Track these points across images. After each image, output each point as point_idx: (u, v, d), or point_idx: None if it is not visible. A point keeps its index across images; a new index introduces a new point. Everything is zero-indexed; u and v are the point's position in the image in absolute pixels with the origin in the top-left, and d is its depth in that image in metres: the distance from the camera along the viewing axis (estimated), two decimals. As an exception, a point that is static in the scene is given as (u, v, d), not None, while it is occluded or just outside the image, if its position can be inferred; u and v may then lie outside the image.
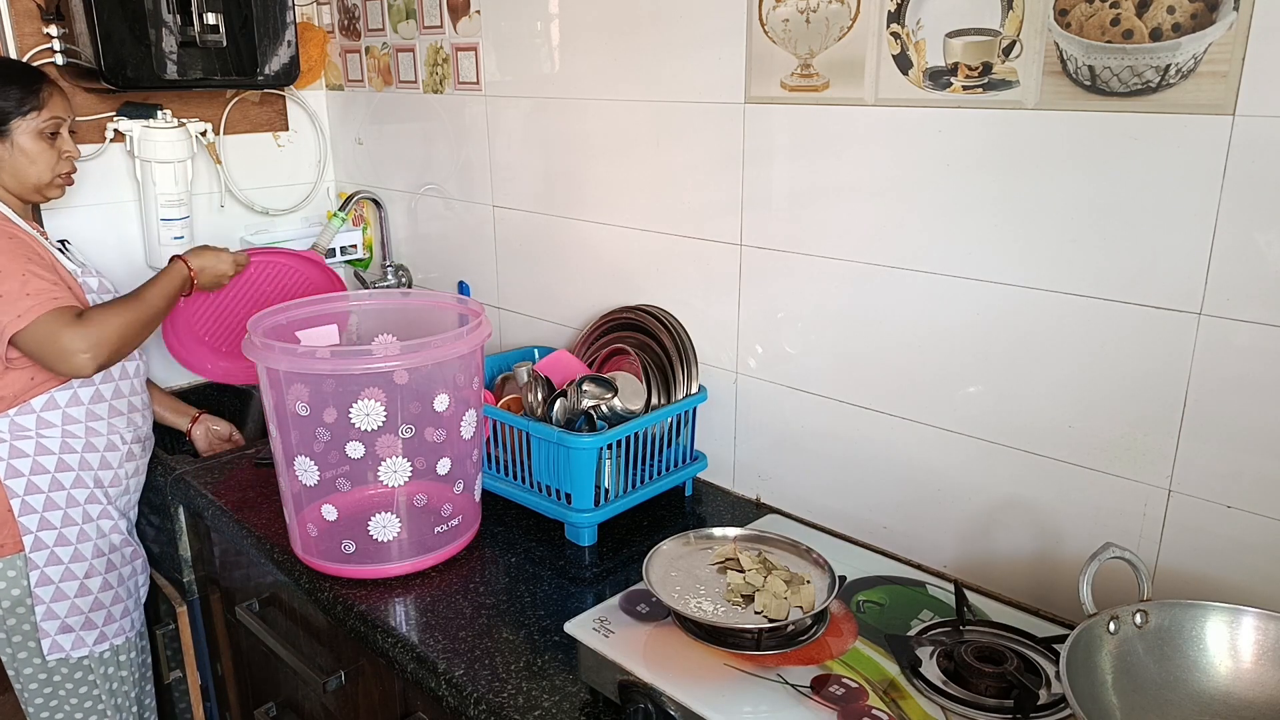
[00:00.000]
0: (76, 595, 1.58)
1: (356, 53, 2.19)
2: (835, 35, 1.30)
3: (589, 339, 1.69)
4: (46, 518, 1.54)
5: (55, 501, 1.55)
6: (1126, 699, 0.91)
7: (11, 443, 1.52)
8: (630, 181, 1.64)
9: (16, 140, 1.53)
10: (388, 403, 1.29)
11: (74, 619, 1.58)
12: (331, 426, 1.30)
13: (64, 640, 1.58)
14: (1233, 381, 1.05)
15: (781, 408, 1.51)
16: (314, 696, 1.54)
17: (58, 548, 1.55)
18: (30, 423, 1.53)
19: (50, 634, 1.57)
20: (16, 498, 1.52)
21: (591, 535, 1.45)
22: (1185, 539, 1.12)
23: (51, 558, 1.55)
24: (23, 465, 1.52)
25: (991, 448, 1.27)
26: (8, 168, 1.54)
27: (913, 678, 1.02)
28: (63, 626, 1.57)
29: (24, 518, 1.52)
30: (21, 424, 1.52)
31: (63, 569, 1.56)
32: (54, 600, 1.56)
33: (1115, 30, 1.05)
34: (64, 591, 1.57)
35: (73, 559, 1.57)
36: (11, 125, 1.52)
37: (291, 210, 2.32)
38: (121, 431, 1.64)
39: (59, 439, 1.55)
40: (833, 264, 1.38)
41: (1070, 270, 1.14)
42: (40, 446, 1.54)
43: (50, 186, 1.60)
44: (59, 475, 1.55)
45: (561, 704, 1.09)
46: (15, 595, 1.55)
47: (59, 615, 1.57)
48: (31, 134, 1.54)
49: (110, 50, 1.78)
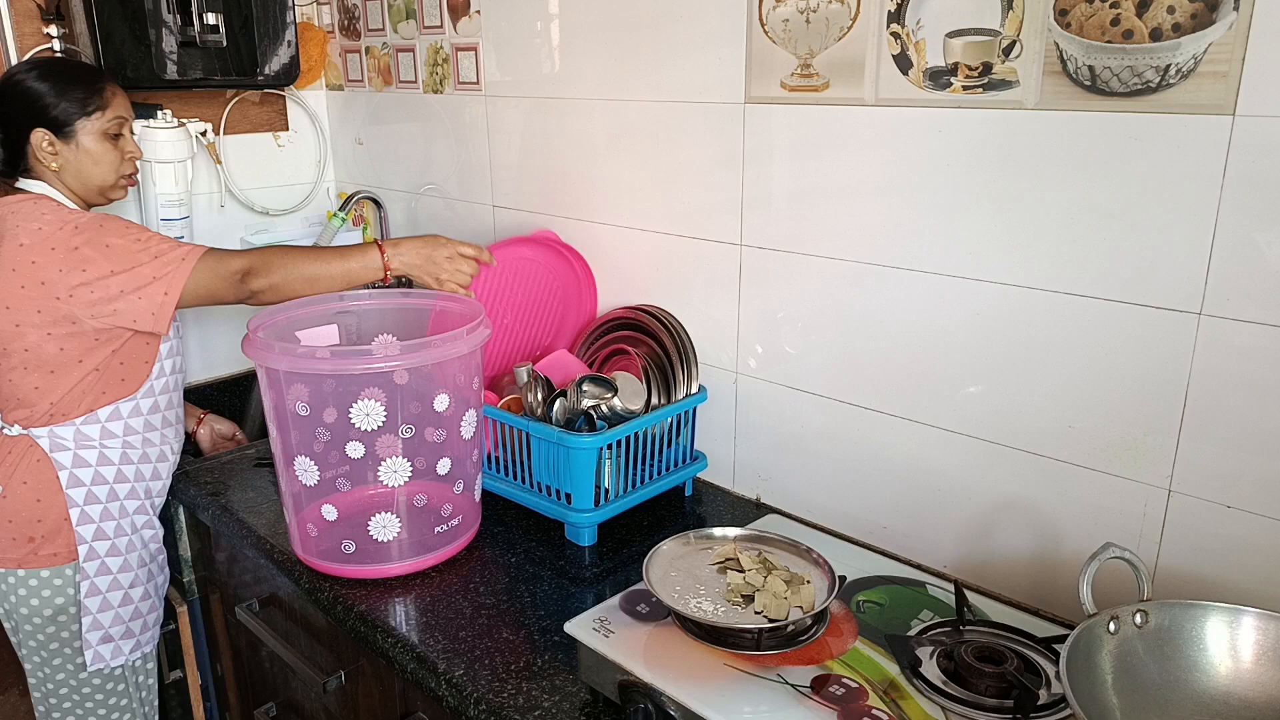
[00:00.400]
0: (120, 605, 1.56)
1: (356, 53, 2.20)
2: (835, 35, 1.30)
3: (589, 339, 1.69)
4: (102, 528, 1.53)
5: (111, 512, 1.54)
6: (1126, 699, 0.91)
7: (76, 451, 1.51)
8: (630, 181, 1.64)
9: (81, 141, 1.51)
10: (388, 403, 1.29)
11: (116, 629, 1.57)
12: (331, 426, 1.30)
13: (105, 650, 1.56)
14: (1233, 381, 1.05)
15: (781, 408, 1.51)
16: (314, 696, 1.54)
17: (109, 558, 1.54)
18: (95, 433, 1.52)
19: (93, 645, 1.55)
20: (76, 507, 1.50)
21: (591, 535, 1.45)
22: (1185, 539, 1.12)
23: (102, 568, 1.53)
24: (85, 475, 1.51)
25: (991, 448, 1.27)
26: (71, 169, 1.52)
27: (913, 678, 1.02)
28: (105, 637, 1.56)
29: (81, 527, 1.51)
30: (87, 434, 1.51)
31: (111, 579, 1.55)
32: (100, 610, 1.54)
33: (1115, 30, 1.05)
34: (110, 602, 1.55)
35: (121, 569, 1.56)
36: (76, 126, 1.50)
37: (291, 210, 2.32)
38: (172, 442, 1.64)
39: (120, 449, 1.54)
40: (833, 264, 1.38)
41: (1070, 270, 1.14)
42: (103, 457, 1.53)
43: (114, 188, 1.58)
44: (117, 486, 1.54)
45: (561, 704, 1.09)
46: (59, 604, 1.53)
47: (104, 626, 1.55)
48: (96, 135, 1.52)
49: (110, 50, 1.78)
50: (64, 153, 1.51)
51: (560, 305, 1.75)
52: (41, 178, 1.51)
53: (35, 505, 1.49)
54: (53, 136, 1.49)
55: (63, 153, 1.50)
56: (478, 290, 1.57)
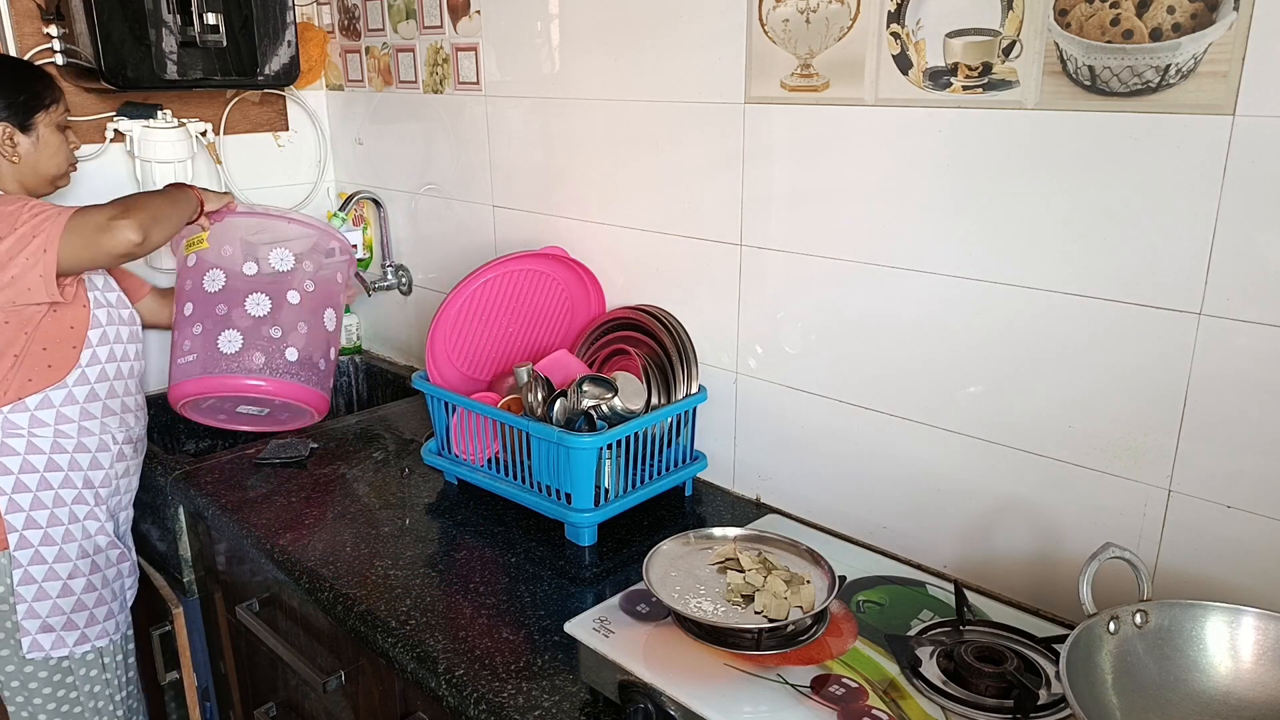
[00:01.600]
0: (59, 595, 1.57)
1: (356, 53, 2.20)
2: (835, 35, 1.30)
3: (589, 339, 1.69)
4: (33, 516, 1.54)
5: (43, 501, 1.54)
6: (1126, 699, 0.91)
7: (2, 440, 1.51)
8: (630, 181, 1.64)
9: (41, 134, 1.57)
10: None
11: (55, 619, 1.57)
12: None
13: (44, 640, 1.57)
14: (1233, 381, 1.05)
15: (781, 408, 1.51)
16: (314, 696, 1.55)
17: (43, 547, 1.55)
18: (23, 420, 1.52)
19: (31, 633, 1.56)
20: (4, 495, 1.51)
21: (591, 535, 1.45)
22: (1185, 539, 1.12)
23: (36, 557, 1.54)
24: (12, 463, 1.52)
25: (991, 448, 1.27)
26: (29, 162, 1.56)
27: (913, 678, 1.02)
28: (44, 626, 1.57)
29: (10, 516, 1.52)
30: (14, 421, 1.52)
31: (46, 568, 1.55)
32: (36, 599, 1.55)
33: (1115, 30, 1.05)
34: (46, 591, 1.56)
35: (57, 559, 1.56)
36: (36, 119, 1.56)
37: (292, 210, 2.32)
38: (114, 432, 1.63)
39: (50, 438, 1.55)
40: (833, 264, 1.38)
41: (1070, 270, 1.14)
42: (31, 445, 1.53)
43: (63, 177, 1.64)
44: (48, 475, 1.55)
45: (561, 704, 1.09)
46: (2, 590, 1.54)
47: (40, 615, 1.56)
48: (52, 127, 1.58)
49: (110, 50, 1.78)
50: (23, 145, 1.55)
51: (568, 317, 1.76)
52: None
53: None
54: (14, 130, 1.53)
55: (22, 145, 1.55)
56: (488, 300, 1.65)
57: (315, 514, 1.57)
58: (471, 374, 1.70)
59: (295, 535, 1.49)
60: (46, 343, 1.52)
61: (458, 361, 1.67)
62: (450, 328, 1.63)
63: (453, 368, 1.66)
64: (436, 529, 1.52)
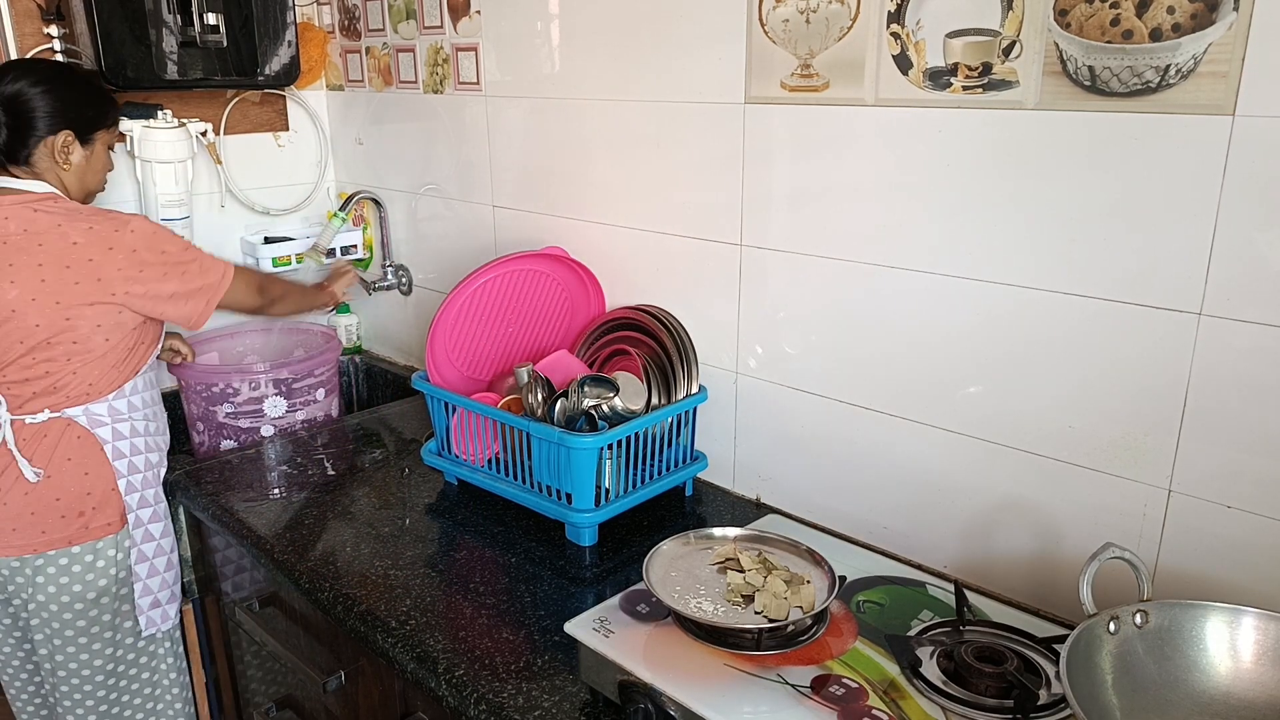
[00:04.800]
0: (165, 570, 1.65)
1: (357, 53, 2.20)
2: (835, 35, 1.30)
3: (589, 339, 1.69)
4: (145, 495, 1.61)
5: (149, 480, 1.63)
6: (1126, 699, 0.91)
7: (113, 425, 1.58)
8: (630, 181, 1.64)
9: (96, 150, 1.61)
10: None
11: (164, 593, 1.65)
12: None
13: (155, 615, 1.65)
14: (1233, 381, 1.05)
15: (781, 408, 1.51)
16: (314, 696, 1.55)
17: (151, 524, 1.62)
18: (124, 406, 1.60)
19: (145, 610, 1.63)
20: (122, 477, 1.58)
21: (592, 535, 1.45)
22: (1185, 539, 1.12)
23: (146, 535, 1.62)
24: (124, 446, 1.59)
25: (991, 448, 1.27)
26: (76, 173, 1.58)
27: (913, 678, 1.02)
28: (154, 602, 1.64)
29: (128, 496, 1.59)
30: (118, 408, 1.59)
31: (155, 545, 1.63)
32: (149, 576, 1.62)
33: (1115, 30, 1.05)
34: (156, 567, 1.63)
35: (163, 534, 1.65)
36: (97, 135, 1.60)
37: (292, 210, 2.32)
38: (162, 413, 1.73)
39: (142, 420, 1.63)
40: (833, 264, 1.38)
41: (1070, 270, 1.14)
42: (133, 428, 1.61)
43: (95, 194, 1.68)
44: (149, 455, 1.63)
45: (561, 704, 1.09)
46: (112, 575, 1.59)
47: (153, 590, 1.63)
48: (105, 145, 1.63)
49: (110, 50, 1.79)
50: (76, 155, 1.57)
51: (568, 317, 1.76)
52: (42, 176, 1.54)
53: (84, 479, 1.56)
54: (74, 140, 1.56)
55: (75, 155, 1.57)
56: (488, 300, 1.66)
57: (315, 514, 1.57)
58: (471, 374, 1.70)
59: (295, 535, 1.49)
60: (142, 337, 1.61)
61: (458, 362, 1.67)
62: (450, 328, 1.63)
63: (453, 368, 1.67)
64: (436, 529, 1.52)
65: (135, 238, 1.52)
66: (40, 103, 1.50)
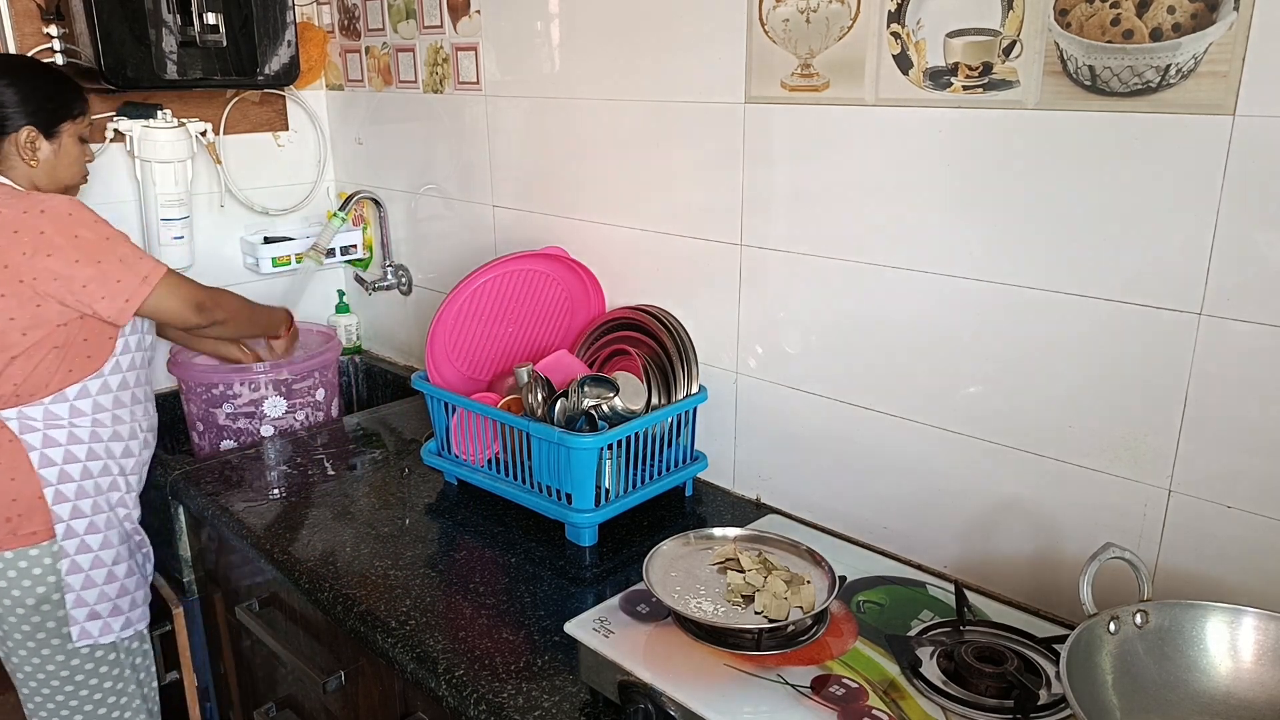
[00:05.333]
0: (105, 582, 1.59)
1: (356, 53, 2.19)
2: (835, 35, 1.30)
3: (589, 339, 1.69)
4: (79, 506, 1.55)
5: (86, 490, 1.56)
6: (1126, 699, 0.91)
7: (45, 431, 1.52)
8: (630, 181, 1.64)
9: (63, 142, 1.58)
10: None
11: (102, 606, 1.59)
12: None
13: (92, 627, 1.58)
14: (1233, 381, 1.05)
15: (781, 408, 1.51)
16: (314, 696, 1.55)
17: (88, 536, 1.56)
18: (64, 411, 1.54)
19: (79, 621, 1.57)
20: (50, 486, 1.52)
21: (592, 535, 1.45)
22: (1185, 539, 1.12)
23: (82, 546, 1.56)
24: (56, 454, 1.53)
25: (992, 448, 1.27)
26: (46, 168, 1.56)
27: (913, 678, 1.02)
28: (91, 614, 1.58)
29: (56, 506, 1.53)
30: (55, 412, 1.53)
31: (93, 556, 1.57)
32: (84, 588, 1.57)
33: (1115, 30, 1.05)
34: (94, 579, 1.57)
35: (102, 546, 1.58)
36: (62, 128, 1.57)
37: (291, 210, 2.32)
38: (139, 419, 1.66)
39: (89, 427, 1.56)
40: (833, 264, 1.38)
41: (1070, 270, 1.14)
42: (72, 436, 1.55)
43: (75, 187, 1.65)
44: (90, 464, 1.56)
45: (561, 704, 1.09)
46: (50, 583, 1.55)
47: (89, 603, 1.58)
48: (74, 137, 1.60)
49: (110, 50, 1.78)
50: (44, 151, 1.55)
51: (568, 317, 1.75)
52: (9, 173, 1.53)
53: (9, 485, 1.51)
54: (38, 135, 1.53)
55: (43, 151, 1.55)
56: (488, 300, 1.65)
57: (315, 514, 1.57)
58: (471, 374, 1.70)
59: (295, 535, 1.49)
60: (87, 334, 1.54)
61: (458, 362, 1.67)
62: (450, 328, 1.63)
63: (453, 368, 1.66)
64: (436, 529, 1.52)
65: (45, 219, 1.44)
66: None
